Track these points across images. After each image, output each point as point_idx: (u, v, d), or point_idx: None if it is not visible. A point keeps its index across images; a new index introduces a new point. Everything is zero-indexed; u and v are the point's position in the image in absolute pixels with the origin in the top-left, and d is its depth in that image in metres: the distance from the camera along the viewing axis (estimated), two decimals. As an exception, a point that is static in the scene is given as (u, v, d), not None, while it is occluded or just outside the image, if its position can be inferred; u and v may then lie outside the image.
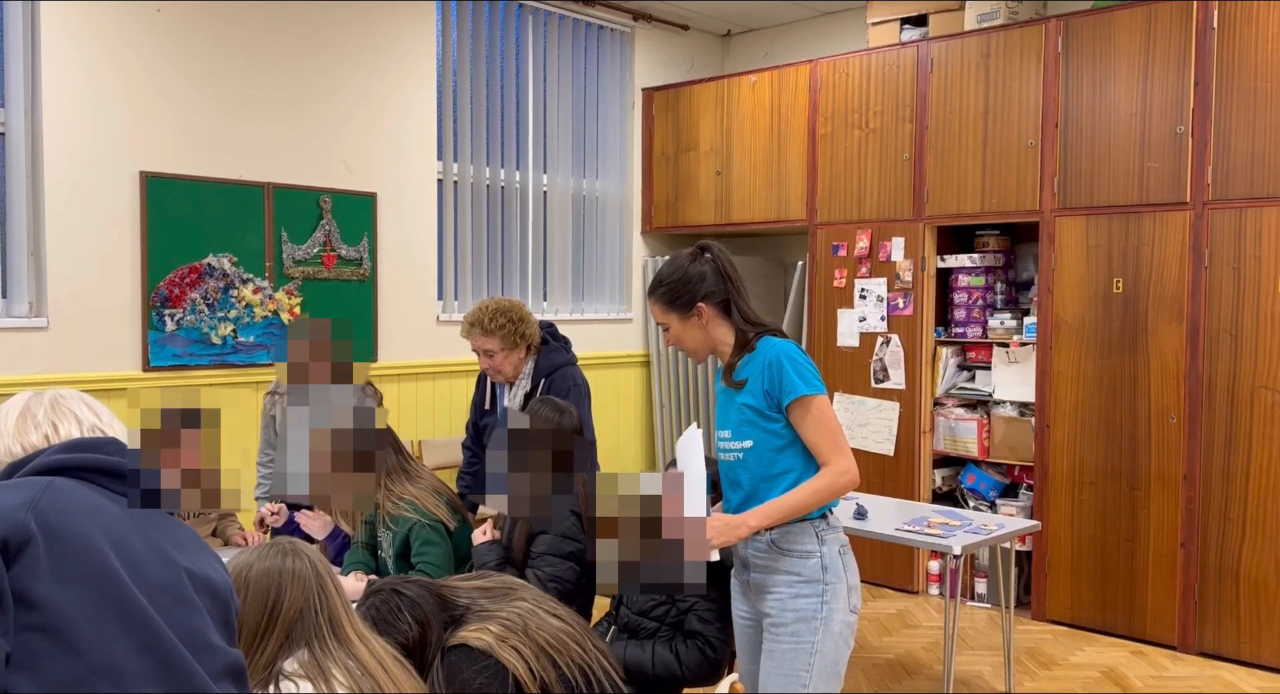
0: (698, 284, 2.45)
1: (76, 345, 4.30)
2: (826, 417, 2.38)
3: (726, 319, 2.47)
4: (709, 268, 2.46)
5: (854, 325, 5.55)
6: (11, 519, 1.24)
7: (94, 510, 1.33)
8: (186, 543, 1.44)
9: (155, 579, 1.33)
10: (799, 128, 5.79)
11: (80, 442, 1.43)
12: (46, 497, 1.29)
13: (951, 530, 3.79)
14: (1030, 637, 4.69)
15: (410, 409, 5.42)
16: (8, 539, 1.22)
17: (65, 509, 1.29)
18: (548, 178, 6.13)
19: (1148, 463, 4.57)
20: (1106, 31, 4.64)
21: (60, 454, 1.39)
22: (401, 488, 3.08)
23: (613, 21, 6.39)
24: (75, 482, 1.35)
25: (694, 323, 2.47)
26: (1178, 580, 4.49)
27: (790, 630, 2.37)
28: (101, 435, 1.47)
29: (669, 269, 2.50)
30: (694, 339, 2.50)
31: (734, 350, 2.47)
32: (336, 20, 5.07)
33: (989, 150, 5.03)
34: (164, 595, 1.33)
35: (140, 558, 1.33)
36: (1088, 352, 4.74)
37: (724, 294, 2.46)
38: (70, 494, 1.32)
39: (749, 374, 2.42)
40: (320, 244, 5.05)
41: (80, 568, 1.25)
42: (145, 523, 1.39)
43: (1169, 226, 4.48)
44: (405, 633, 1.92)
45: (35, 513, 1.26)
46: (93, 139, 4.32)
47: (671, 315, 2.49)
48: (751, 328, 2.46)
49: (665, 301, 2.48)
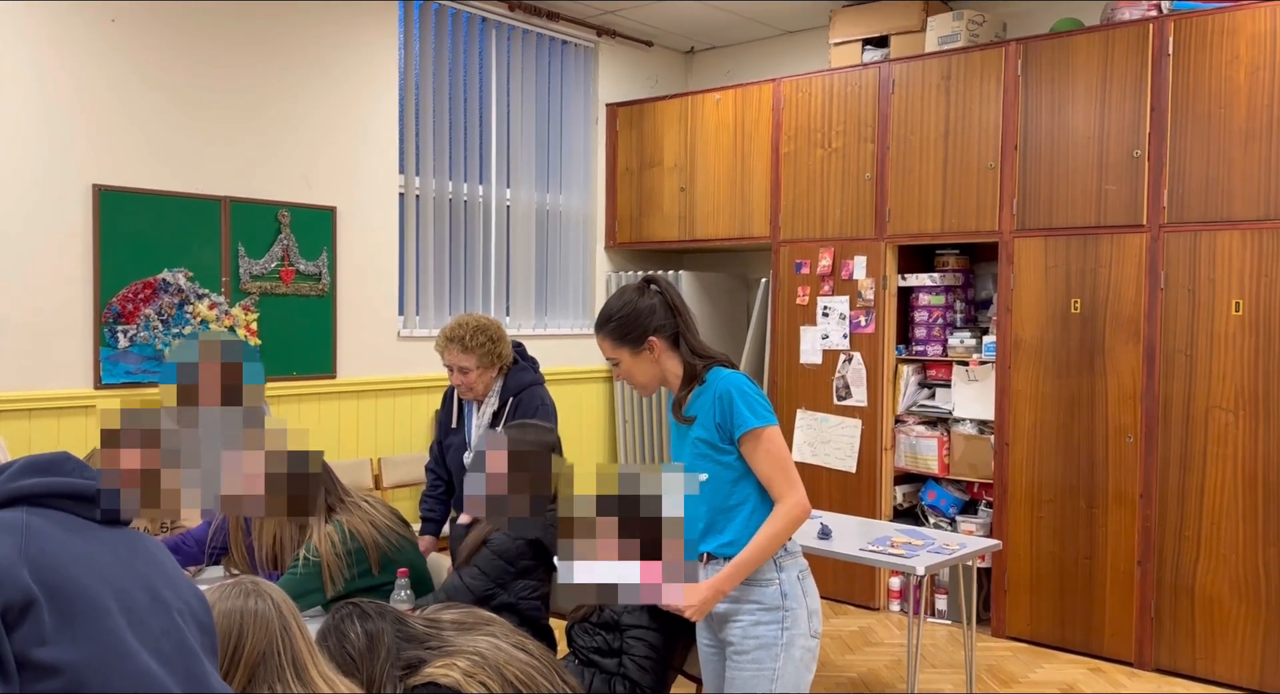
0: (648, 318, 2.44)
1: (27, 362, 4.19)
2: (777, 448, 2.39)
3: (675, 352, 2.47)
4: (657, 301, 2.46)
5: (817, 342, 5.57)
6: (10, 579, 1.17)
7: (84, 557, 1.27)
8: (166, 568, 1.39)
9: (155, 627, 1.29)
10: (762, 146, 5.81)
11: (38, 462, 1.35)
12: (35, 544, 1.23)
13: (915, 550, 3.80)
14: (990, 654, 4.73)
15: (370, 426, 5.35)
16: (9, 604, 1.16)
17: (58, 561, 1.23)
18: (511, 192, 6.10)
19: (1105, 481, 4.62)
20: (1065, 56, 4.71)
21: (23, 480, 1.31)
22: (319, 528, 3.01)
23: (577, 36, 6.38)
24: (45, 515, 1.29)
25: (645, 357, 2.46)
26: (1135, 597, 4.55)
27: (752, 657, 2.38)
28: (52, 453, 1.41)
29: (617, 304, 2.48)
30: (645, 373, 2.49)
31: (683, 382, 2.47)
32: (296, 32, 5.00)
33: (949, 171, 5.08)
34: (165, 643, 1.29)
35: (137, 603, 1.28)
36: (1046, 371, 4.80)
37: (673, 327, 2.46)
38: (54, 539, 1.26)
39: (700, 407, 2.42)
40: (278, 259, 4.97)
41: (86, 628, 1.20)
42: (129, 555, 1.33)
43: (1126, 248, 4.55)
44: (354, 643, 1.90)
45: (30, 566, 1.20)
46: (45, 151, 4.22)
47: (622, 350, 2.47)
48: (700, 360, 2.45)
49: (615, 337, 2.47)
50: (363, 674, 1.86)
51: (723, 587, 2.34)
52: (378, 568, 3.02)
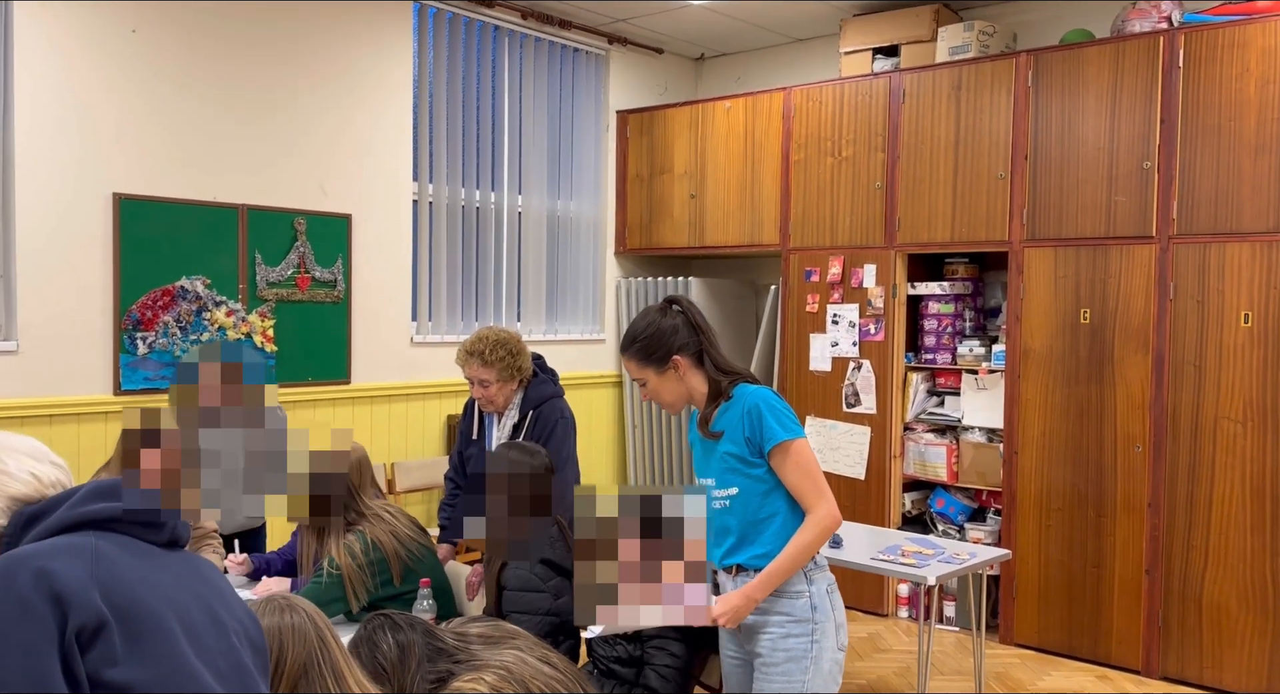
0: (671, 337, 2.49)
1: (47, 369, 4.24)
2: (806, 460, 2.44)
3: (700, 369, 2.52)
4: (680, 320, 2.51)
5: (826, 350, 5.61)
6: (83, 601, 1.22)
7: (148, 580, 1.31)
8: (223, 590, 1.45)
9: (214, 647, 1.34)
10: (772, 153, 5.85)
11: (103, 487, 1.40)
12: (103, 567, 1.27)
13: (925, 560, 3.84)
14: (998, 661, 4.76)
15: (384, 431, 5.40)
16: (83, 625, 1.21)
17: (125, 582, 1.28)
18: (522, 199, 6.14)
19: (1114, 490, 4.66)
20: (1076, 67, 4.75)
21: (90, 505, 1.36)
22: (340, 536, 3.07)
23: (588, 44, 6.42)
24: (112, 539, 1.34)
25: (670, 376, 2.51)
26: (1142, 606, 4.58)
27: (781, 670, 2.42)
28: (69, 480, 1.45)
29: (641, 324, 2.53)
30: (671, 392, 2.53)
31: (709, 399, 2.52)
32: (312, 42, 5.05)
33: (959, 180, 5.11)
34: (223, 662, 1.34)
35: (197, 624, 1.33)
36: (1055, 380, 4.83)
37: (697, 346, 2.51)
38: (121, 563, 1.31)
39: (728, 422, 2.47)
40: (294, 266, 5.02)
41: (153, 648, 1.25)
42: (188, 577, 1.38)
43: (1135, 259, 4.59)
44: (385, 654, 1.94)
45: (101, 589, 1.24)
46: (66, 160, 4.27)
47: (648, 370, 2.52)
48: (725, 376, 2.50)
49: (640, 357, 2.52)
50: (394, 685, 1.90)
51: (755, 595, 2.40)
52: (399, 578, 3.07)
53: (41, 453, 1.44)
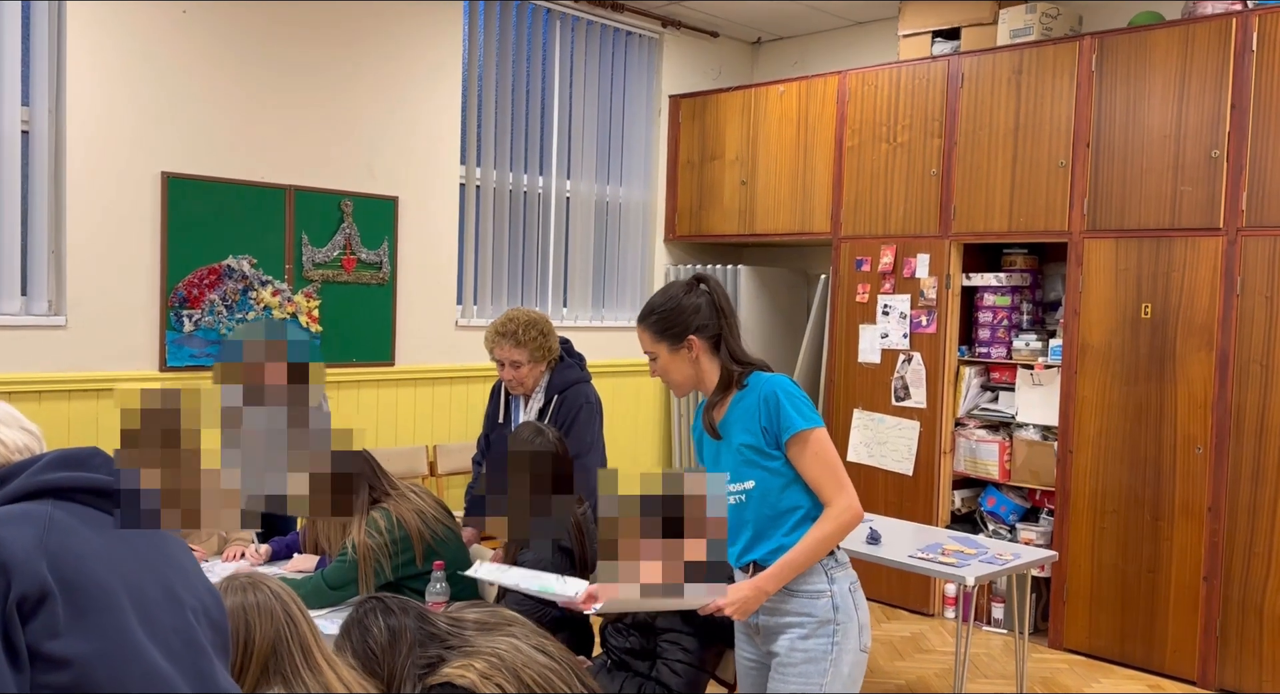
0: (691, 315, 2.38)
1: (94, 344, 4.31)
2: (825, 450, 2.33)
3: (715, 355, 2.41)
4: (704, 300, 2.40)
5: (875, 342, 5.47)
6: (28, 570, 1.19)
7: (102, 552, 1.29)
8: (186, 567, 1.41)
9: (167, 623, 1.30)
10: (826, 139, 5.72)
11: (68, 456, 1.37)
12: (54, 537, 1.25)
13: (966, 559, 3.72)
14: (1046, 665, 4.61)
15: (427, 413, 5.41)
16: (25, 594, 1.18)
17: (77, 553, 1.25)
18: (571, 184, 6.10)
19: (1172, 493, 4.46)
20: (1142, 50, 4.54)
21: (51, 473, 1.34)
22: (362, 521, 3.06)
23: (641, 27, 6.34)
24: (70, 509, 1.31)
25: (683, 355, 2.41)
26: (1199, 614, 4.39)
27: (799, 671, 2.31)
28: (40, 447, 1.43)
29: (662, 298, 2.44)
30: (680, 372, 2.43)
31: (717, 388, 2.41)
32: (362, 23, 5.06)
33: (1018, 168, 4.94)
34: (175, 640, 1.30)
35: (150, 599, 1.30)
36: (1114, 377, 4.64)
37: (716, 329, 2.39)
38: (75, 533, 1.28)
39: (742, 411, 2.36)
40: (340, 247, 5.04)
41: (97, 622, 1.22)
42: (149, 552, 1.35)
43: (1201, 252, 4.38)
44: (376, 638, 1.92)
45: (48, 558, 1.22)
46: (115, 139, 4.34)
47: (661, 345, 2.42)
48: (739, 366, 2.39)
49: (656, 330, 2.42)
50: (384, 669, 1.87)
51: (766, 587, 2.29)
52: (421, 559, 3.05)
53: (11, 418, 1.42)
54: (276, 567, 3.25)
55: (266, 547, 3.39)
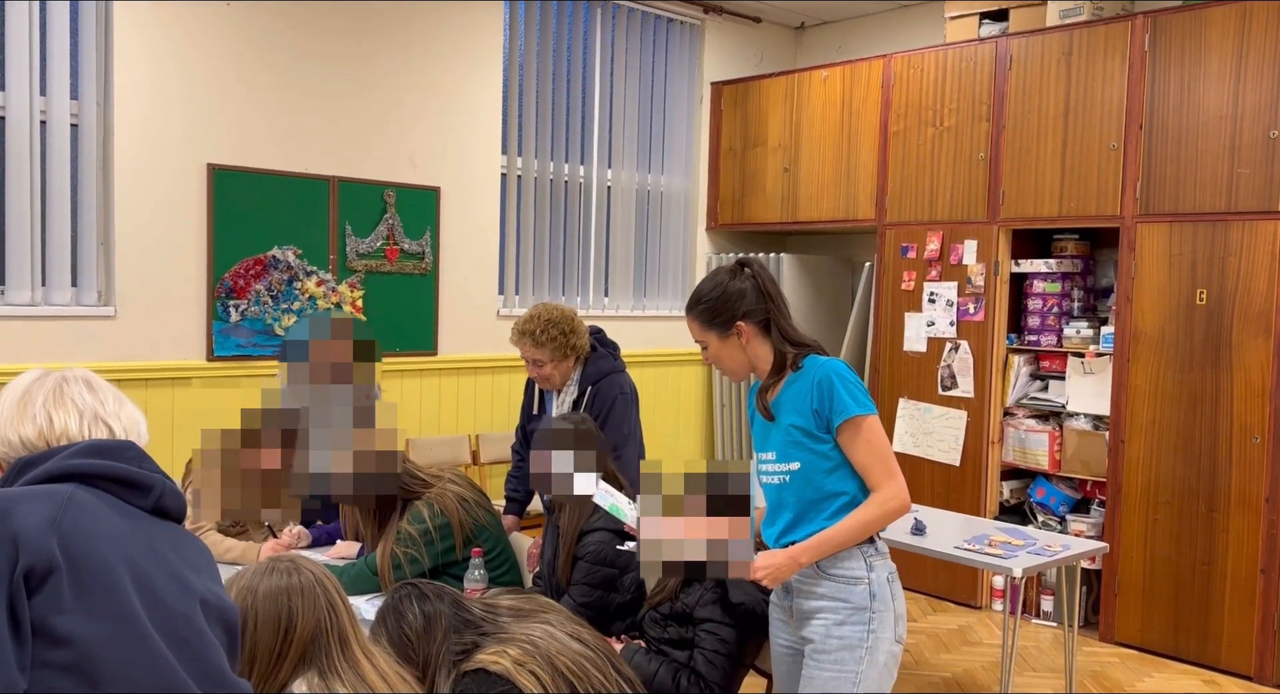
0: (737, 301, 2.35)
1: (142, 334, 4.38)
2: (877, 437, 2.30)
3: (766, 338, 2.38)
4: (749, 285, 2.37)
5: (921, 330, 5.39)
6: (37, 545, 1.21)
7: (115, 535, 1.30)
8: (201, 566, 1.42)
9: (173, 609, 1.31)
10: (870, 124, 5.63)
11: (100, 445, 1.39)
12: (69, 516, 1.26)
13: (1014, 550, 3.64)
14: (1097, 659, 4.51)
15: (469, 403, 5.43)
16: (32, 567, 1.20)
17: (88, 533, 1.26)
18: (612, 173, 6.08)
19: (1228, 484, 4.35)
20: (1197, 29, 4.41)
21: (79, 459, 1.36)
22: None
23: (682, 14, 6.29)
24: (94, 493, 1.33)
25: (733, 342, 2.38)
26: (1256, 608, 4.27)
27: (834, 658, 2.29)
28: (109, 434, 1.43)
29: (708, 285, 2.41)
30: (732, 359, 2.41)
31: (771, 370, 2.39)
32: (403, 14, 5.07)
33: (1068, 151, 4.82)
34: (182, 627, 1.31)
35: (158, 586, 1.31)
36: (1167, 365, 4.53)
37: (764, 312, 2.36)
38: (91, 514, 1.29)
39: (795, 393, 2.34)
40: (383, 237, 5.07)
41: (102, 603, 1.23)
42: (164, 545, 1.36)
43: (1258, 236, 4.25)
44: (411, 624, 1.92)
45: (59, 535, 1.23)
46: (162, 131, 4.39)
47: (710, 333, 2.40)
48: (792, 348, 2.36)
49: (704, 319, 2.40)
50: (419, 655, 1.87)
51: (800, 558, 2.26)
52: (461, 548, 3.05)
53: (84, 402, 1.42)
54: (318, 553, 3.28)
55: (306, 531, 3.41)
